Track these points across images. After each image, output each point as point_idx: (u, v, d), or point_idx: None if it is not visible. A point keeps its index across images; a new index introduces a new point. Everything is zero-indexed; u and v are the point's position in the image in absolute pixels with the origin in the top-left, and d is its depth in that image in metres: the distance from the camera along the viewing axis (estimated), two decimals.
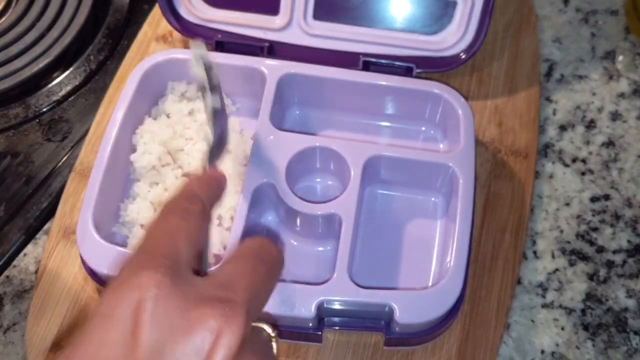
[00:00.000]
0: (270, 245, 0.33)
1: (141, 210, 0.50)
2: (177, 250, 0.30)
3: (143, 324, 0.26)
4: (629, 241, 0.52)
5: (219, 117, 0.43)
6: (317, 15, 0.56)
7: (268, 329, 0.32)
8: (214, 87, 0.43)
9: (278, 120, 0.53)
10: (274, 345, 0.32)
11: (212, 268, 0.38)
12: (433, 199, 0.52)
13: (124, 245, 0.49)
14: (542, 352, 0.48)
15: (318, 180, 0.53)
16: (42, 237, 0.54)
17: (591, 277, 0.51)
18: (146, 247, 0.30)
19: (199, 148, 0.51)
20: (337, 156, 0.50)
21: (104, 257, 0.46)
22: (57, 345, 0.48)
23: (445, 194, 0.51)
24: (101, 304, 0.28)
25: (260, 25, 0.57)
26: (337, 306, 0.45)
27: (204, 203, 0.33)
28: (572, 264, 0.52)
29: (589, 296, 0.50)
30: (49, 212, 0.54)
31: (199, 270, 0.33)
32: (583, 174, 0.55)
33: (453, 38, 0.55)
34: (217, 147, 0.42)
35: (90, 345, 0.27)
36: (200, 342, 0.26)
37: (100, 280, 0.47)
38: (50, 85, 0.61)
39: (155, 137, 0.51)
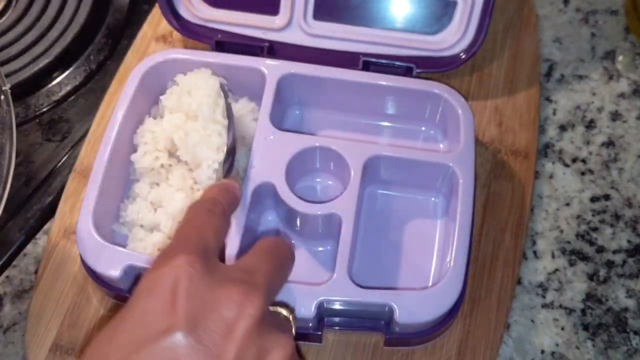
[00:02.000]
0: (283, 243, 0.39)
1: (141, 210, 0.50)
2: (206, 240, 0.35)
3: (180, 296, 0.31)
4: (629, 241, 0.52)
5: (232, 134, 0.49)
6: (317, 15, 0.56)
7: (284, 311, 0.37)
8: (229, 110, 0.50)
9: (278, 120, 0.53)
10: (292, 325, 0.37)
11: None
12: (433, 199, 0.52)
13: (123, 245, 0.49)
14: (542, 352, 0.48)
15: (318, 180, 0.53)
16: (42, 237, 0.54)
17: (591, 277, 0.51)
18: (179, 238, 0.35)
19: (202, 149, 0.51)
20: (337, 156, 0.50)
21: (104, 257, 0.46)
22: (57, 345, 0.48)
23: (445, 194, 0.51)
24: (143, 282, 0.33)
25: (260, 25, 0.57)
26: (337, 306, 0.45)
27: (224, 205, 0.38)
28: (572, 264, 0.52)
29: (589, 296, 0.50)
30: (49, 212, 0.54)
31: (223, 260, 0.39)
32: (583, 174, 0.55)
33: (453, 38, 0.55)
34: (228, 159, 0.48)
35: (135, 313, 0.32)
36: (226, 312, 0.31)
37: (100, 280, 0.47)
38: (50, 85, 0.61)
39: (155, 137, 0.51)
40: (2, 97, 0.50)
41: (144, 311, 0.32)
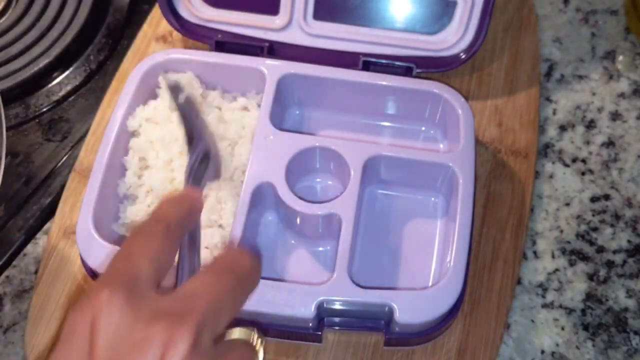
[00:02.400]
0: (244, 256, 0.33)
1: (140, 212, 0.50)
2: (136, 269, 0.30)
3: (98, 340, 0.27)
4: (629, 241, 0.52)
5: (198, 136, 0.43)
6: (317, 15, 0.56)
7: (249, 336, 0.32)
8: (180, 110, 0.44)
9: (278, 120, 0.53)
10: (260, 355, 0.32)
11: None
12: (433, 199, 0.52)
13: None
14: (542, 352, 0.48)
15: (318, 180, 0.53)
16: (42, 237, 0.54)
17: (591, 277, 0.51)
18: (107, 271, 0.31)
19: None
20: (337, 156, 0.50)
21: (104, 257, 0.46)
22: None
23: (445, 194, 0.51)
24: (65, 325, 0.29)
25: (260, 25, 0.57)
26: (337, 306, 0.45)
27: (169, 223, 0.33)
28: (572, 264, 0.52)
29: (589, 296, 0.50)
30: (49, 212, 0.54)
31: (172, 287, 0.33)
32: (583, 174, 0.55)
33: (453, 38, 0.55)
34: (199, 166, 0.42)
35: None
36: (151, 357, 0.27)
37: None
38: (50, 85, 0.61)
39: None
40: None
41: None
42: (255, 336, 0.32)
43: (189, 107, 0.45)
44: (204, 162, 0.42)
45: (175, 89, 0.46)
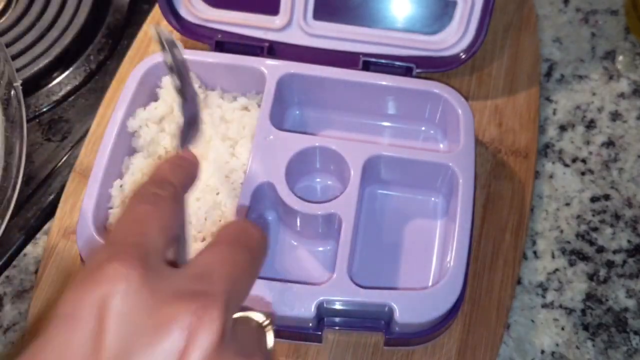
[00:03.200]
0: (251, 227, 0.30)
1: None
2: (147, 238, 0.27)
3: (108, 324, 0.23)
4: (629, 241, 0.52)
5: (188, 98, 0.41)
6: (317, 15, 0.56)
7: (259, 317, 0.28)
8: (177, 66, 0.41)
9: (278, 120, 0.53)
10: (269, 335, 0.28)
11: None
12: (433, 199, 0.52)
13: None
14: (542, 352, 0.48)
15: (318, 180, 0.53)
16: (42, 237, 0.54)
17: (591, 277, 0.51)
18: (113, 238, 0.27)
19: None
20: (337, 156, 0.50)
21: None
22: None
23: (445, 194, 0.51)
24: (61, 303, 0.25)
25: (260, 25, 0.57)
26: (337, 306, 0.45)
27: (175, 186, 0.30)
28: (572, 264, 0.52)
29: (589, 296, 0.50)
30: (49, 212, 0.54)
31: (174, 260, 0.30)
32: (583, 174, 0.55)
33: (453, 38, 0.55)
34: (189, 129, 0.40)
35: (50, 349, 0.24)
36: (171, 344, 0.23)
37: None
38: (50, 85, 0.61)
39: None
40: (13, 92, 0.48)
41: (61, 346, 0.24)
42: (262, 315, 0.29)
43: (183, 65, 0.42)
44: (192, 126, 0.40)
45: (171, 44, 0.43)
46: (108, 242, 0.27)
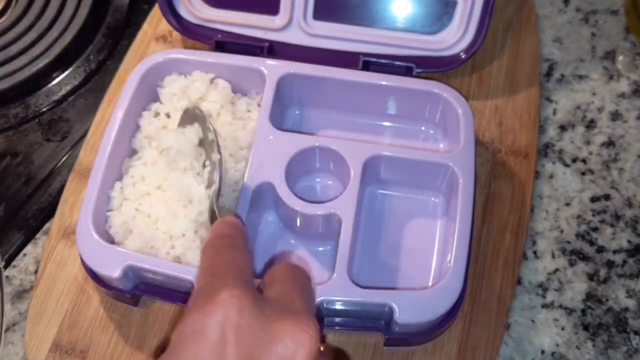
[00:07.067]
0: (296, 265, 0.36)
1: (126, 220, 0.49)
2: (243, 273, 0.33)
3: (230, 335, 0.29)
4: (629, 241, 0.52)
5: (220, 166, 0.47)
6: (317, 15, 0.56)
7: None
8: (217, 141, 0.47)
9: (278, 120, 0.53)
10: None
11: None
12: (433, 199, 0.52)
13: (123, 245, 0.49)
14: (542, 352, 0.48)
15: (318, 180, 0.53)
16: (42, 237, 0.54)
17: (591, 277, 0.51)
18: (211, 275, 0.33)
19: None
20: (337, 156, 0.50)
21: (104, 257, 0.46)
22: (57, 345, 0.48)
23: (445, 194, 0.51)
24: (187, 324, 0.30)
25: (260, 25, 0.57)
26: (337, 306, 0.45)
27: (243, 240, 0.36)
28: (572, 264, 0.52)
29: (589, 296, 0.50)
30: (49, 212, 0.54)
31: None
32: (583, 174, 0.55)
33: (453, 38, 0.55)
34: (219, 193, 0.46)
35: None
36: (282, 349, 0.29)
37: (100, 281, 0.47)
38: (50, 85, 0.61)
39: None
40: None
41: (192, 356, 0.29)
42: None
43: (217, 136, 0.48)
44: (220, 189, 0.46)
45: (204, 120, 0.48)
46: (209, 278, 0.33)
